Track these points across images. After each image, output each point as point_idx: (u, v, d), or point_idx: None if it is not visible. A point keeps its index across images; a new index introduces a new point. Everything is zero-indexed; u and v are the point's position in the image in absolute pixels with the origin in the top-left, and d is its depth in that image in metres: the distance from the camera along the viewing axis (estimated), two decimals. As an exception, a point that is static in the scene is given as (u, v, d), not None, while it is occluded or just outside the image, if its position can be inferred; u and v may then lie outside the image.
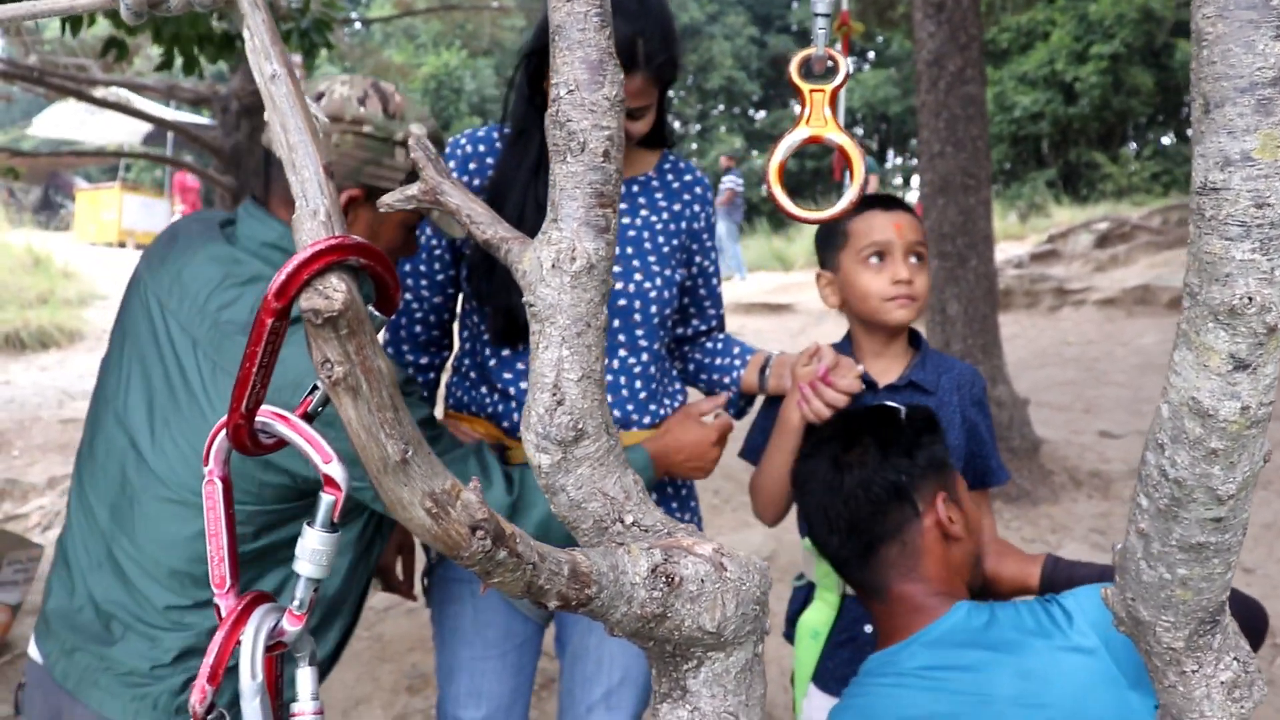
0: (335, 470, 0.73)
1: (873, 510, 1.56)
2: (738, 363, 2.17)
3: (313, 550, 0.74)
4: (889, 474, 1.57)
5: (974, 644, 1.42)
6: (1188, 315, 0.75)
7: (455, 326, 2.20)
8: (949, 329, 5.26)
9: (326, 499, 0.73)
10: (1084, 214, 15.21)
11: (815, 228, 2.00)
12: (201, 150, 10.04)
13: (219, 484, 0.76)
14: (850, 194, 0.96)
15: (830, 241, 2.03)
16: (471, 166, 2.08)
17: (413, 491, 0.65)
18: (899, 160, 28.83)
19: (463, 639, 2.10)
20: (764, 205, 26.96)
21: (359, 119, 1.66)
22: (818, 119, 0.98)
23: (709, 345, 2.25)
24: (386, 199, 1.01)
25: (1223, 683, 0.91)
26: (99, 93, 9.22)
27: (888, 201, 2.00)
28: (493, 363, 2.07)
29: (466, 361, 2.14)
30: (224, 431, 0.73)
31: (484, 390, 2.09)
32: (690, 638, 0.86)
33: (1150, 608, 0.91)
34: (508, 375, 2.05)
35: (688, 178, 2.17)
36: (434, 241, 2.09)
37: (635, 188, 2.11)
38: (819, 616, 1.94)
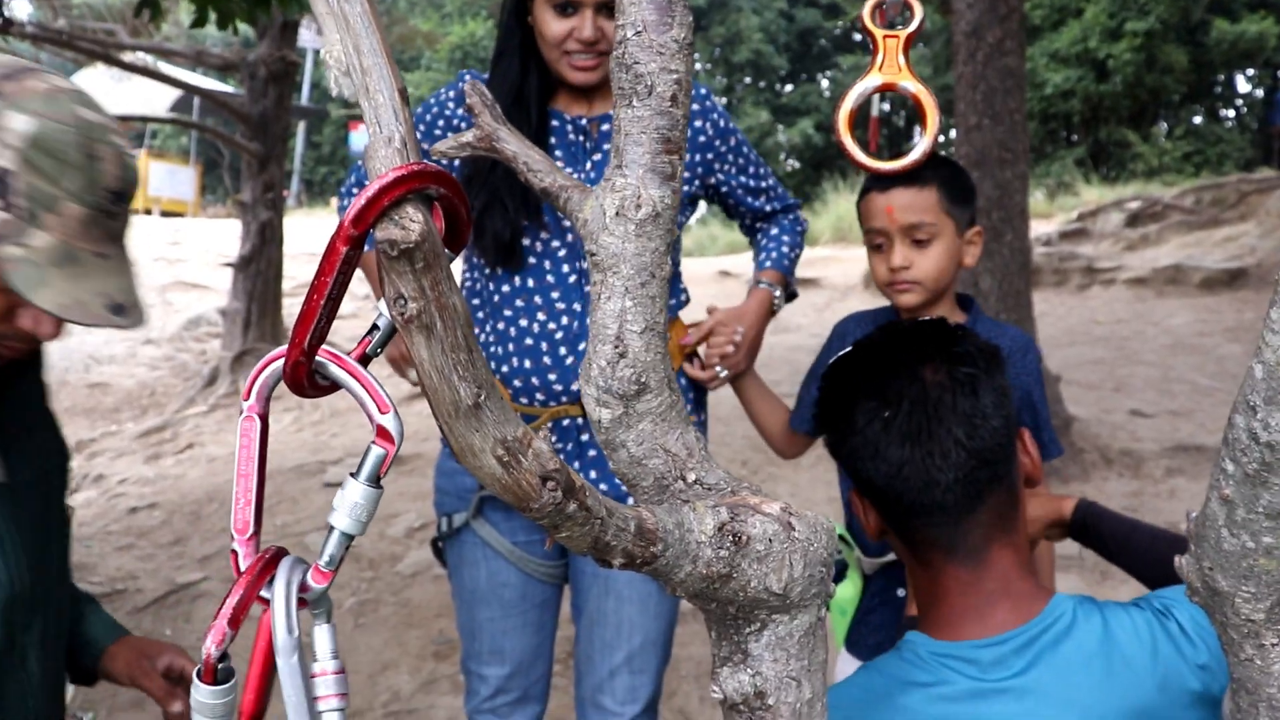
0: (390, 422, 0.69)
1: (1006, 436, 1.21)
2: (756, 265, 2.27)
3: (353, 504, 0.70)
4: (1009, 390, 1.23)
5: (1085, 665, 1.16)
6: (1288, 272, 0.72)
7: None
8: (982, 303, 5.18)
9: (376, 452, 0.69)
10: (1113, 193, 15.03)
11: (842, 205, 1.95)
12: (229, 117, 10.03)
13: (257, 421, 0.72)
14: (923, 145, 0.93)
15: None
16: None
17: (484, 438, 0.62)
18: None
19: (481, 600, 2.11)
20: (788, 179, 26.81)
21: None
22: (891, 66, 0.94)
23: (763, 234, 2.30)
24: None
25: (1306, 657, 0.87)
26: (126, 58, 9.20)
27: (888, 180, 1.80)
28: (496, 298, 2.04)
29: (473, 302, 2.11)
30: (273, 365, 0.69)
31: (483, 336, 2.06)
32: (755, 599, 0.84)
33: (1230, 577, 0.87)
34: (508, 312, 2.03)
35: None
36: None
37: (609, 127, 2.05)
38: (846, 594, 1.92)
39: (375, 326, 0.68)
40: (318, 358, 0.66)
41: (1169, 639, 1.17)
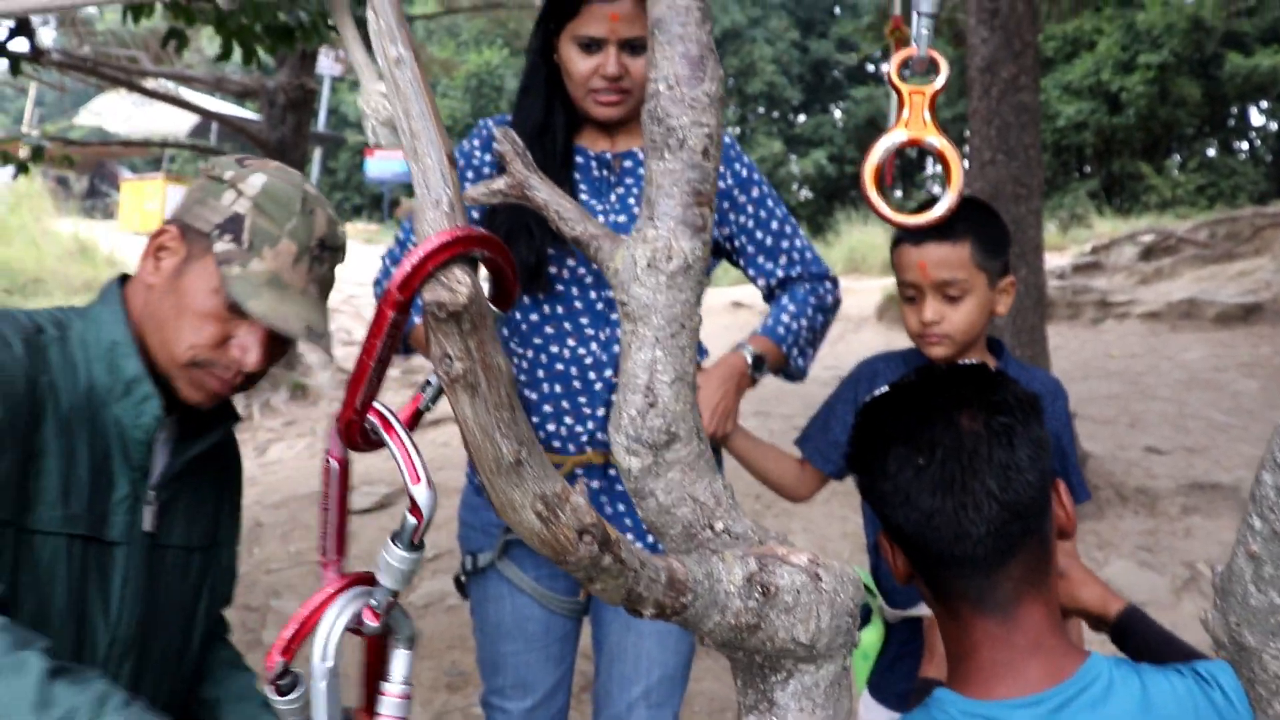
0: (421, 494, 0.73)
1: (1041, 490, 1.18)
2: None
3: (395, 568, 0.77)
4: (1047, 441, 1.20)
5: None
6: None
7: None
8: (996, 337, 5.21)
9: (410, 521, 0.75)
10: (1126, 226, 15.03)
11: (854, 235, 1.93)
12: (246, 143, 10.12)
13: (334, 464, 0.80)
14: (947, 200, 0.94)
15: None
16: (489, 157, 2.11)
17: (524, 494, 0.63)
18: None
19: (505, 635, 2.12)
20: (801, 209, 26.86)
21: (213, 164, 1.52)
22: (917, 122, 0.95)
23: (774, 300, 2.17)
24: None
25: (1334, 714, 0.87)
26: (148, 84, 9.30)
27: (921, 233, 1.81)
28: (524, 327, 2.06)
29: (502, 332, 2.11)
30: None
31: (512, 363, 2.07)
32: (782, 649, 0.84)
33: (1257, 634, 0.87)
34: (537, 340, 2.04)
35: None
36: None
37: (632, 163, 2.07)
38: (869, 638, 1.91)
39: (428, 382, 0.70)
40: (370, 418, 0.70)
41: (1212, 706, 1.15)
